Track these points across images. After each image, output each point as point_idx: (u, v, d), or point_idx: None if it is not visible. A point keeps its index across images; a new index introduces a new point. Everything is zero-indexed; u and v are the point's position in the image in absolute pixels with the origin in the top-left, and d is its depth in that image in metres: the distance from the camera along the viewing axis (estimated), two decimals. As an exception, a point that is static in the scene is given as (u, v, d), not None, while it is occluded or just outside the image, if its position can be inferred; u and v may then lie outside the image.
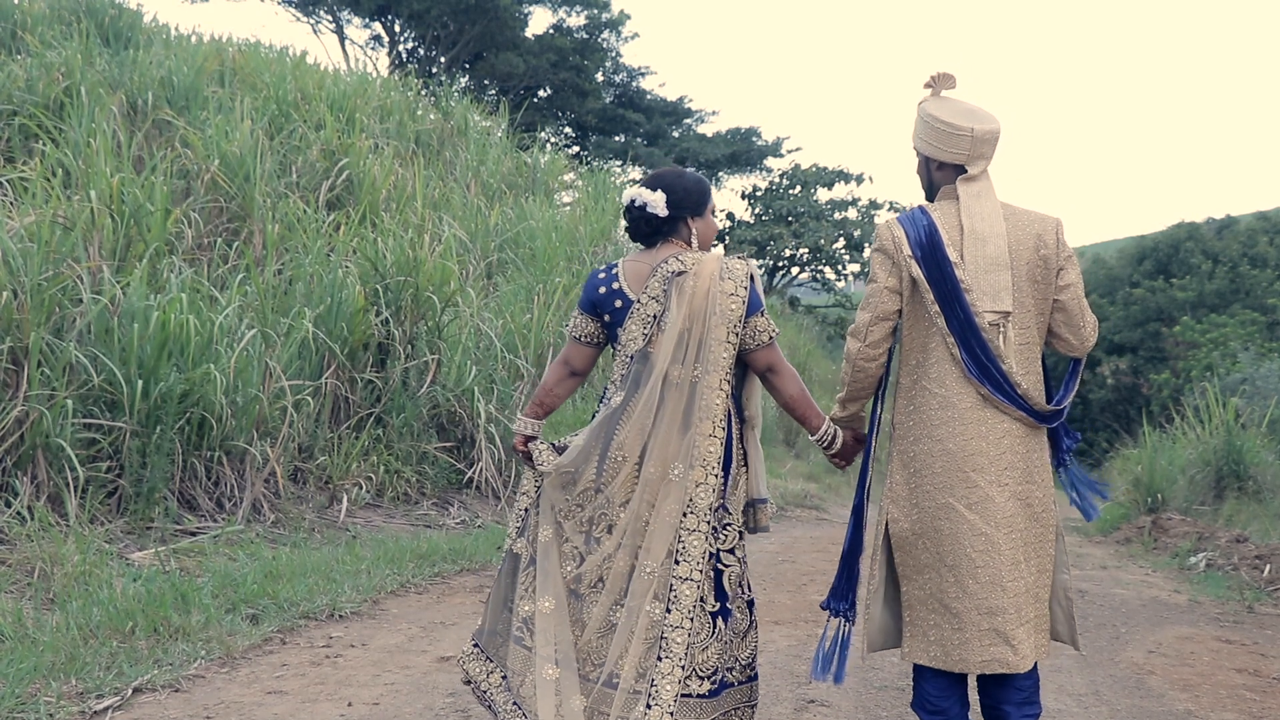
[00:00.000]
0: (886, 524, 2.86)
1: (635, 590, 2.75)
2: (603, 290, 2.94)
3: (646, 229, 2.96)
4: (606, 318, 2.94)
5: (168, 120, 9.44)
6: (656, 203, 2.91)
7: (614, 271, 2.95)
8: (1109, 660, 4.54)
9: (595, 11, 25.38)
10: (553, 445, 2.94)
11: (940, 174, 2.89)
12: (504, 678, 2.89)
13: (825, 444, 2.97)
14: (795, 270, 25.67)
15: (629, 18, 25.79)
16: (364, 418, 7.51)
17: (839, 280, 25.70)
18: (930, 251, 2.76)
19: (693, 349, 2.82)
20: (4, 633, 3.95)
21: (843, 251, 24.76)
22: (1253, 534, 8.15)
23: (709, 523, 2.79)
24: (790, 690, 3.98)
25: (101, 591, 4.41)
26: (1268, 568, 6.99)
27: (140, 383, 5.77)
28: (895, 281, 2.80)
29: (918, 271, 2.76)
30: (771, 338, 2.90)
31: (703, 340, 2.81)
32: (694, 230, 2.97)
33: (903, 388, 2.86)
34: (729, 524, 2.86)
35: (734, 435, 2.89)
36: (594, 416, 2.92)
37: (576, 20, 25.61)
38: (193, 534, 5.85)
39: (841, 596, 2.96)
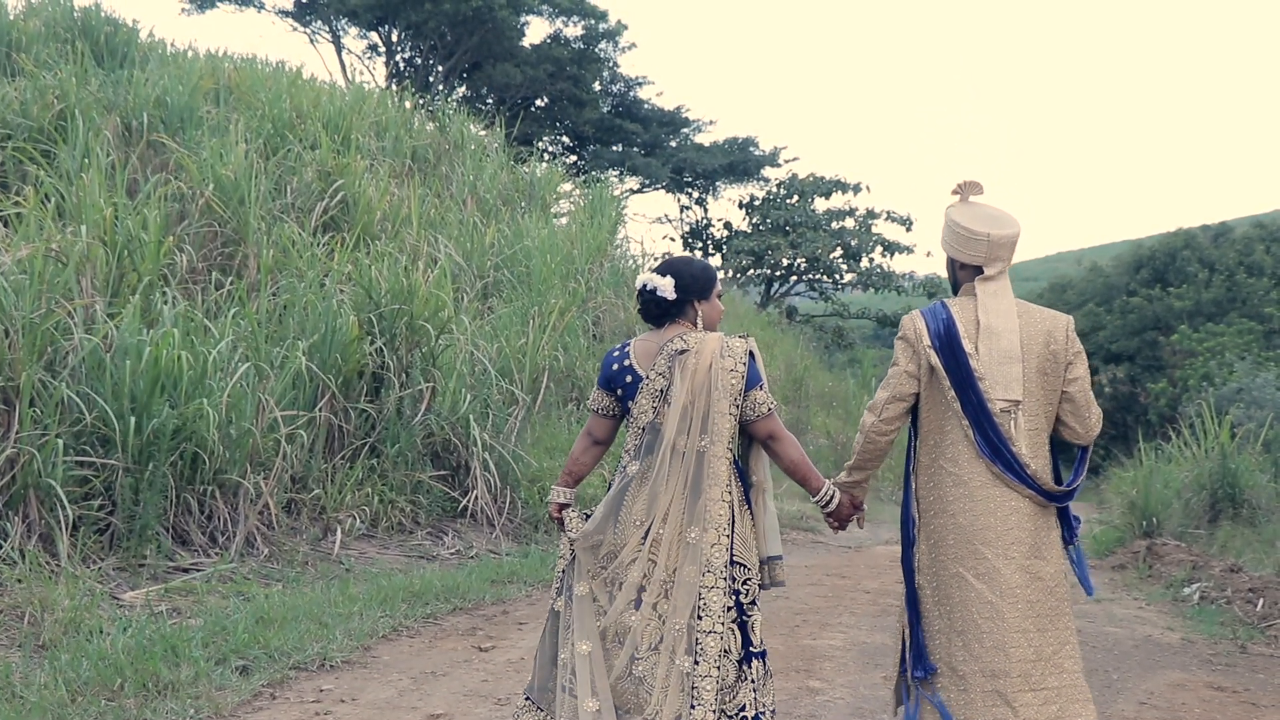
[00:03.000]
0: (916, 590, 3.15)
1: (666, 645, 2.99)
2: (615, 367, 3.20)
3: (657, 310, 3.21)
4: (619, 392, 3.20)
5: (163, 142, 9.41)
6: (666, 287, 3.16)
7: (626, 350, 3.23)
8: (1100, 714, 4.50)
9: (592, 22, 25.35)
10: (584, 514, 3.21)
11: (963, 273, 3.20)
12: None
13: (824, 504, 3.25)
14: (793, 280, 25.66)
15: (626, 28, 25.74)
16: (358, 448, 7.50)
17: (836, 289, 25.67)
18: (948, 342, 3.07)
19: (697, 421, 3.06)
20: (-8, 691, 3.93)
21: (840, 261, 24.74)
22: (1246, 563, 8.14)
23: (727, 579, 3.02)
24: (781, 748, 3.96)
25: (91, 642, 4.39)
26: (1261, 602, 6.99)
27: (133, 419, 5.76)
28: (914, 368, 3.12)
29: (936, 360, 3.07)
30: (770, 409, 3.14)
31: (707, 413, 3.05)
32: (699, 312, 3.21)
33: (923, 465, 3.17)
34: (749, 579, 3.08)
35: (737, 497, 3.11)
36: (609, 486, 3.19)
37: (574, 30, 25.58)
38: (185, 570, 5.83)
39: (918, 665, 3.13)
